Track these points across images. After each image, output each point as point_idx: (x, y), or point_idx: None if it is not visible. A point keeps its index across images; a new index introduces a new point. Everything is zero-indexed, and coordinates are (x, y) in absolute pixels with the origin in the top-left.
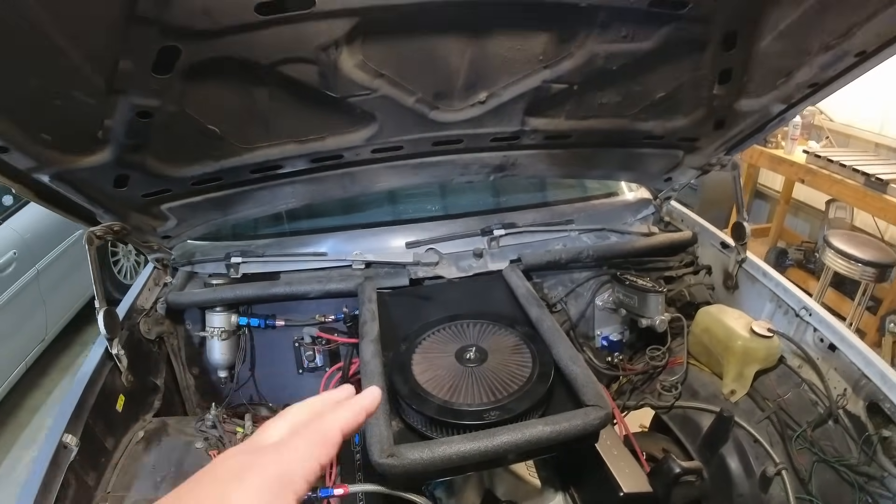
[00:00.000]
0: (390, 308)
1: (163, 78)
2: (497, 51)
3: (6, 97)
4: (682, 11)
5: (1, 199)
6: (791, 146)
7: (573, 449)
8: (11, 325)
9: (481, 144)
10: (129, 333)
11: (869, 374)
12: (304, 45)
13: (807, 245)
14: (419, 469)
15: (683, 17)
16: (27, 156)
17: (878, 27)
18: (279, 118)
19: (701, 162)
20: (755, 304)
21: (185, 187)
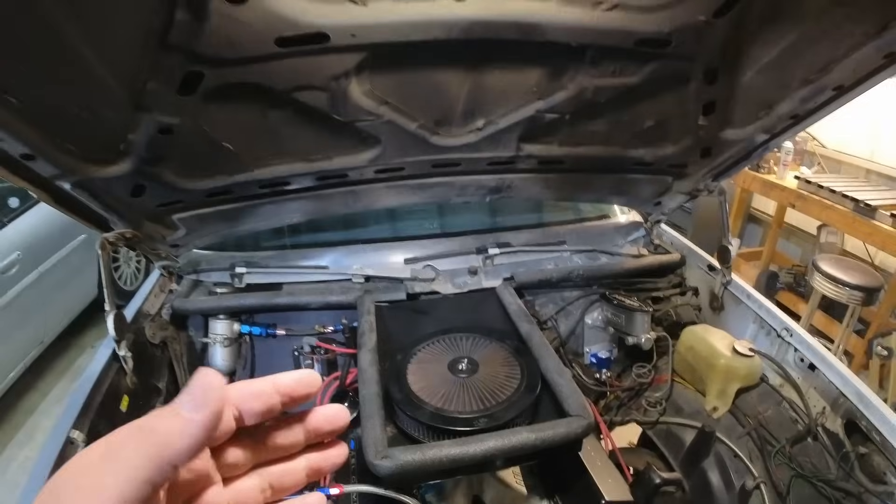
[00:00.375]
0: (387, 321)
1: (186, 99)
2: (493, 83)
3: (39, 110)
4: (666, 50)
5: (7, 201)
6: (783, 171)
7: (559, 458)
8: (11, 326)
9: (478, 168)
10: (135, 337)
11: (846, 393)
12: (318, 74)
13: (797, 269)
14: (411, 470)
15: (667, 55)
16: (52, 164)
17: (855, 63)
18: (289, 138)
19: (689, 187)
20: (739, 324)
21: (197, 199)
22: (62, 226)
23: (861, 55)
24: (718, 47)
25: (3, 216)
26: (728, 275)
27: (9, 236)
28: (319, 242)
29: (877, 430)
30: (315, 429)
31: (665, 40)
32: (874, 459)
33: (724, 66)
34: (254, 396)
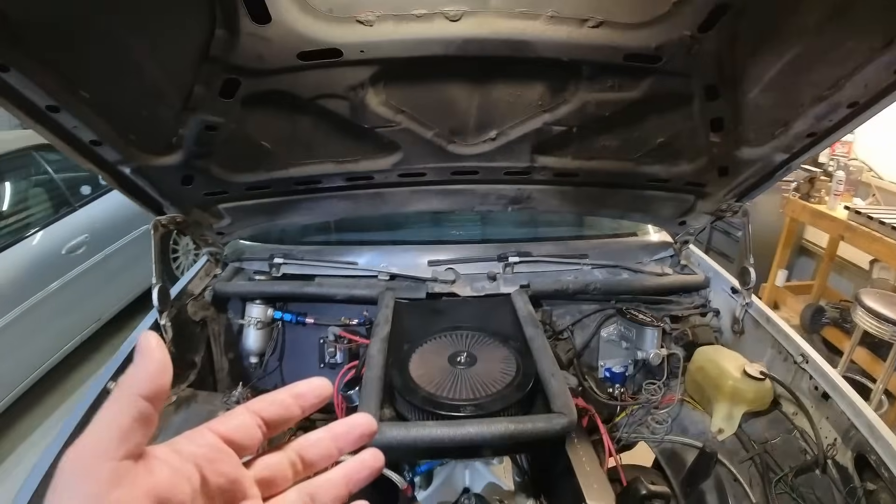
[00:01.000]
0: (405, 316)
1: (226, 101)
2: (500, 96)
3: (109, 105)
4: (658, 65)
5: (80, 188)
6: (834, 201)
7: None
8: (74, 301)
9: (496, 177)
10: (177, 312)
11: (857, 425)
12: (336, 84)
13: (844, 304)
14: (395, 445)
15: (660, 70)
16: (116, 151)
17: (865, 79)
18: (319, 141)
19: (713, 207)
20: (758, 348)
21: (239, 191)
22: (127, 216)
23: (870, 71)
24: (712, 63)
25: (75, 201)
26: (748, 297)
27: (80, 219)
28: (352, 241)
29: (886, 467)
30: (341, 434)
31: (654, 56)
32: (881, 497)
33: (723, 83)
34: (272, 404)
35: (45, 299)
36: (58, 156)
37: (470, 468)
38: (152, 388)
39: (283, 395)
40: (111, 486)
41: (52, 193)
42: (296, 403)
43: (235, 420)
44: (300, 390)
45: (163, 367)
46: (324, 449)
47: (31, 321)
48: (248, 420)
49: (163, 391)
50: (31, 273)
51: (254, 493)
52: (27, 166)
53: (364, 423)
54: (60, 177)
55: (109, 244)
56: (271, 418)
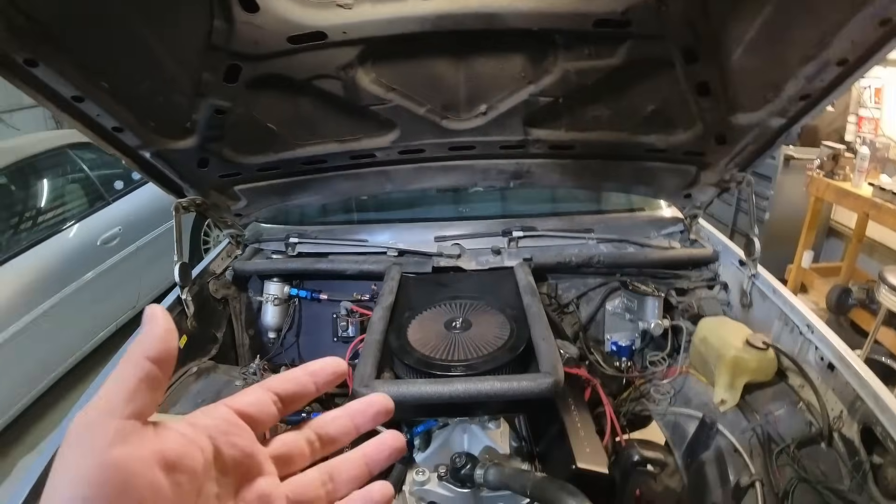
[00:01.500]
0: (410, 289)
1: (232, 86)
2: (484, 70)
3: (128, 94)
4: (630, 30)
5: (113, 183)
6: (859, 179)
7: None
8: (108, 290)
9: (493, 151)
10: (200, 290)
11: (863, 396)
12: (327, 65)
13: (871, 284)
14: None
15: (633, 35)
16: (136, 136)
17: (851, 35)
18: (321, 121)
19: (715, 178)
20: (765, 320)
21: (252, 172)
22: (158, 208)
23: (855, 25)
24: (683, 24)
25: (109, 195)
26: (754, 268)
27: (113, 213)
28: (363, 220)
29: (892, 439)
30: (357, 412)
31: (623, 20)
32: (888, 471)
33: (701, 46)
34: (287, 381)
35: (81, 288)
36: (92, 153)
37: (468, 432)
38: (158, 350)
39: (298, 372)
40: (115, 443)
41: (87, 189)
42: (310, 380)
43: (250, 396)
44: (314, 368)
45: (168, 332)
46: (341, 427)
47: (69, 308)
48: (263, 396)
49: (169, 354)
50: (69, 263)
51: (270, 470)
52: (64, 164)
53: (380, 401)
54: (95, 173)
55: (141, 236)
56: (286, 394)
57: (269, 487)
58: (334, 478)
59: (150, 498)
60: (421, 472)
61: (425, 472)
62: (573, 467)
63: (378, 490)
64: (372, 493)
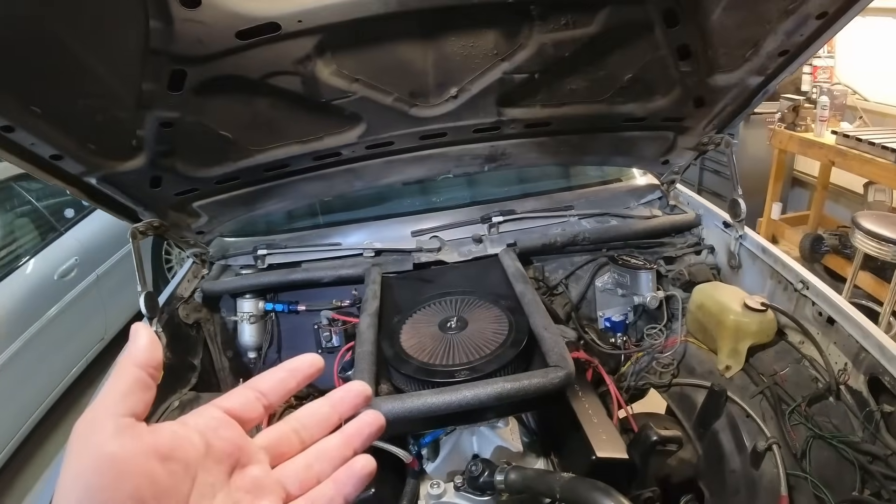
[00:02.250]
0: (394, 290)
1: (177, 94)
2: (454, 50)
3: (60, 115)
4: None
5: (63, 212)
6: (821, 128)
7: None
8: (74, 325)
9: (466, 136)
10: (170, 317)
11: (867, 347)
12: (283, 60)
13: (843, 230)
14: (391, 418)
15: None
16: (78, 162)
17: None
18: (280, 123)
19: (694, 142)
20: (756, 281)
21: (210, 186)
22: (115, 233)
23: None
24: None
25: (60, 226)
26: (741, 230)
27: (66, 243)
28: (333, 222)
29: None
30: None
31: None
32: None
33: (683, 6)
34: (269, 379)
35: (45, 326)
36: (38, 184)
37: (477, 434)
38: (145, 357)
39: (278, 370)
40: (113, 437)
41: (37, 222)
42: (291, 376)
43: (237, 396)
44: (293, 365)
45: (151, 341)
46: (323, 416)
47: (34, 350)
48: (249, 395)
49: (155, 360)
50: (28, 302)
51: (260, 459)
52: (9, 198)
53: (358, 388)
54: (43, 204)
55: (100, 264)
56: (270, 391)
57: (261, 474)
58: (319, 458)
59: (146, 485)
60: (436, 485)
61: (440, 484)
62: (593, 457)
63: (360, 464)
64: (354, 467)
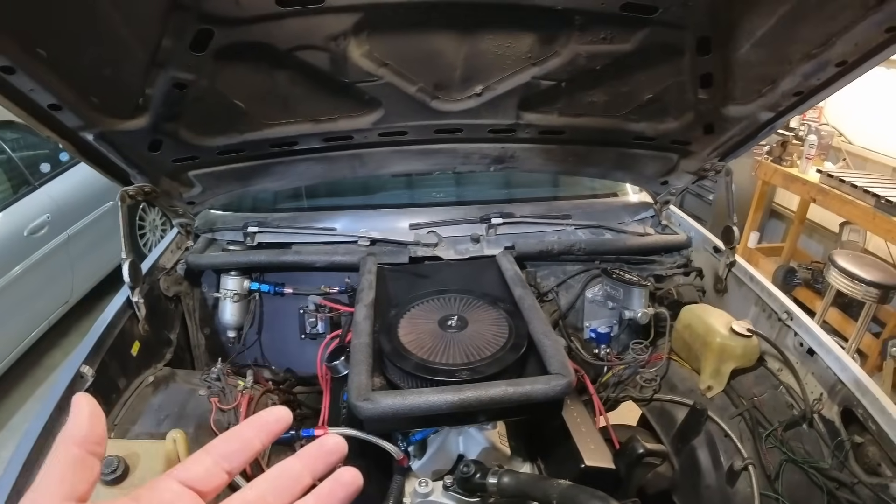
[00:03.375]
0: (388, 282)
1: (198, 55)
2: (488, 48)
3: (66, 63)
4: (653, 16)
5: (39, 166)
6: (806, 165)
7: (543, 419)
8: (39, 285)
9: (480, 135)
10: (150, 288)
11: (844, 380)
12: (317, 34)
13: (816, 265)
14: (390, 414)
15: (655, 21)
16: (77, 115)
17: (856, 38)
18: (296, 99)
19: (695, 166)
20: (741, 307)
21: (211, 156)
22: (91, 193)
23: (862, 29)
24: (708, 15)
25: (35, 180)
26: (732, 256)
27: (39, 199)
28: (329, 206)
29: (873, 420)
30: (311, 458)
31: (651, 6)
32: (869, 450)
33: (716, 37)
34: (231, 441)
35: (8, 284)
36: (15, 133)
37: (464, 435)
38: (85, 433)
39: (243, 428)
40: None
41: (10, 173)
42: (256, 436)
43: (195, 465)
44: (259, 422)
45: (92, 415)
46: (294, 476)
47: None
48: (208, 462)
49: (98, 435)
50: None
51: None
52: None
53: (332, 444)
54: (19, 155)
55: (73, 223)
56: (232, 455)
57: None
58: None
59: None
60: (423, 483)
61: (428, 483)
62: (581, 466)
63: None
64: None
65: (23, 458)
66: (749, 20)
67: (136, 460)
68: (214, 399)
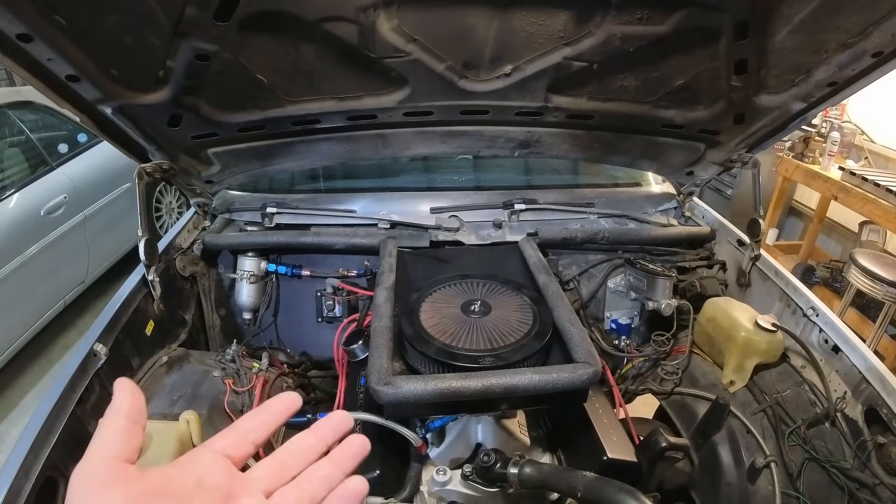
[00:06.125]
0: (408, 265)
1: (222, 25)
2: (521, 25)
3: (85, 31)
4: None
5: (57, 147)
6: (827, 162)
7: (564, 409)
8: (56, 264)
9: (507, 118)
10: (165, 267)
11: (869, 378)
12: (346, 5)
13: (835, 264)
14: (412, 400)
15: (694, 2)
16: (95, 87)
17: (893, 28)
18: (321, 75)
19: (722, 157)
20: (765, 301)
21: (231, 133)
22: (108, 174)
23: None
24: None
25: (53, 160)
26: (757, 249)
27: (57, 179)
28: (349, 188)
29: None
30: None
31: None
32: (892, 451)
33: (754, 21)
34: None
35: (24, 264)
36: (34, 114)
37: (483, 423)
38: (129, 407)
39: (260, 413)
40: (108, 479)
41: (28, 154)
42: (272, 417)
43: (225, 437)
44: (274, 406)
45: (134, 392)
46: (308, 446)
47: (11, 287)
48: (236, 435)
49: (138, 410)
50: (9, 237)
51: (254, 489)
52: (1, 126)
53: (339, 418)
54: (37, 136)
55: (90, 204)
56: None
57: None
58: (311, 482)
59: None
60: (441, 472)
61: (446, 472)
62: (604, 458)
63: (353, 485)
64: (348, 487)
65: (33, 434)
66: (788, 5)
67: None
68: (229, 381)
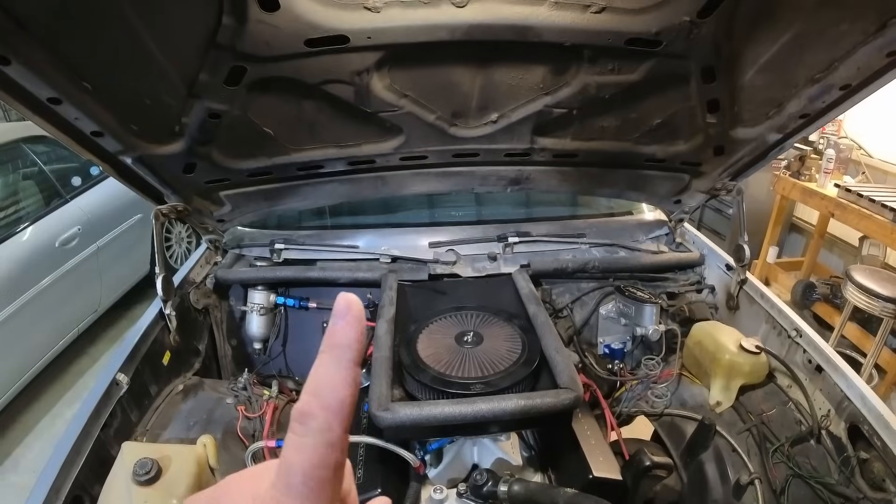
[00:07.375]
0: (408, 298)
1: (232, 89)
2: (502, 79)
3: (111, 94)
4: (658, 49)
5: (71, 179)
6: (824, 179)
7: (553, 431)
8: (69, 294)
9: (496, 158)
10: (180, 301)
11: (850, 396)
12: (342, 70)
13: (835, 280)
14: (408, 424)
15: (660, 53)
16: (118, 141)
17: (858, 62)
18: (323, 126)
19: (707, 186)
20: (753, 324)
21: (241, 178)
22: (120, 205)
23: (863, 54)
24: (710, 46)
25: (67, 192)
26: (743, 274)
27: (71, 211)
28: (352, 225)
29: (878, 436)
30: None
31: (655, 40)
32: (875, 466)
33: (720, 65)
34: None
35: (40, 294)
36: (47, 147)
37: (478, 445)
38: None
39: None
40: None
41: (42, 186)
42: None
43: None
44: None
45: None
46: None
47: (27, 316)
48: None
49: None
50: (25, 268)
51: None
52: (16, 159)
53: None
54: (50, 168)
55: (102, 235)
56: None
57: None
58: None
59: None
60: (438, 490)
61: (443, 490)
62: (590, 476)
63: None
64: None
65: (63, 456)
66: (752, 49)
67: (169, 462)
68: (241, 407)
